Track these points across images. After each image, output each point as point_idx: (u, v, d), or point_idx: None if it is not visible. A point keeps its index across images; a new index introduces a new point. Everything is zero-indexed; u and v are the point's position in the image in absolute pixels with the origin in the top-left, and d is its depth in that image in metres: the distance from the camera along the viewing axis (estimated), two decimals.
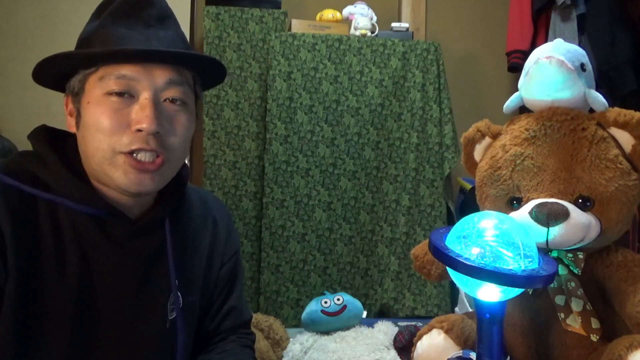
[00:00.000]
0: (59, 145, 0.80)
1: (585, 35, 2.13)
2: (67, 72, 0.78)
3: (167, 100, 0.77)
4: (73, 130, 0.79)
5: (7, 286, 0.71)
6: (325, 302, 1.36)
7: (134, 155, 0.74)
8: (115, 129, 0.73)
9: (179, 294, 0.85)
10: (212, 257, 0.93)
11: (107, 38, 0.75)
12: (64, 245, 0.75)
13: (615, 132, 0.88)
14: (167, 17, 0.80)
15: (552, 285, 0.85)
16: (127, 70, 0.74)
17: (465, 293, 1.97)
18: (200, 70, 0.83)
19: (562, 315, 0.84)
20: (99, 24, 0.76)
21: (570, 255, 0.87)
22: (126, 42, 0.74)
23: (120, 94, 0.74)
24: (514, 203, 0.92)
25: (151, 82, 0.75)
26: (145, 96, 0.75)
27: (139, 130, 0.74)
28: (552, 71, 0.88)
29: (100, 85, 0.74)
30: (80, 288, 0.76)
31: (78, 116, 0.77)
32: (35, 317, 0.73)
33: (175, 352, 0.84)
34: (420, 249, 1.07)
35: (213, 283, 0.94)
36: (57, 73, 0.78)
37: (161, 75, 0.76)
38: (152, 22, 0.77)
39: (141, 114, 0.74)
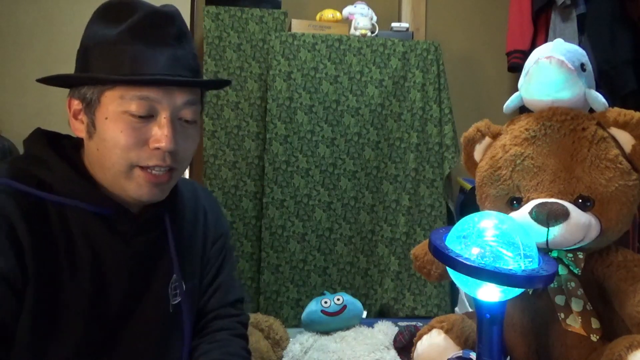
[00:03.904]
0: (58, 148, 0.81)
1: (585, 35, 2.13)
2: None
3: (182, 119, 0.81)
4: (79, 134, 0.81)
5: (27, 291, 0.73)
6: (325, 302, 1.36)
7: (149, 170, 0.78)
8: (134, 146, 0.76)
9: (182, 280, 0.89)
10: (205, 242, 0.98)
11: (126, 55, 0.75)
12: (75, 245, 0.78)
13: (615, 132, 0.88)
14: (183, 35, 0.81)
15: (552, 285, 0.85)
16: (148, 92, 0.76)
17: (465, 293, 1.97)
18: (212, 88, 0.87)
19: (562, 315, 0.84)
20: (117, 37, 0.76)
21: (570, 255, 0.87)
22: (148, 63, 0.76)
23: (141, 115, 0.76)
24: (514, 203, 0.92)
25: (171, 103, 0.78)
26: (164, 116, 0.78)
27: (157, 148, 0.77)
28: (552, 71, 0.88)
29: (120, 103, 0.76)
30: (92, 284, 0.79)
31: (92, 127, 0.78)
32: (52, 315, 0.76)
33: (182, 334, 0.89)
34: (420, 249, 1.07)
35: (205, 264, 0.99)
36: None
37: (180, 97, 0.79)
38: (171, 42, 0.79)
39: (160, 133, 0.77)
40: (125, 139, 0.76)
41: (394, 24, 2.34)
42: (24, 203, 0.74)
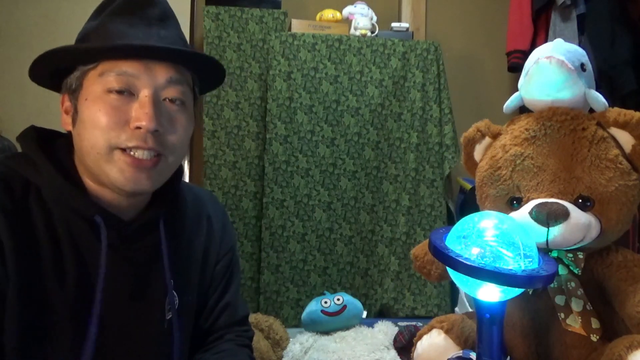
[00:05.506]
0: (49, 147, 0.79)
1: (585, 35, 2.13)
2: (65, 69, 0.77)
3: (167, 100, 0.77)
4: (68, 128, 0.79)
5: (9, 291, 0.71)
6: (325, 302, 1.36)
7: (131, 152, 0.74)
8: (113, 126, 0.72)
9: (175, 294, 0.84)
10: (207, 255, 0.93)
11: (107, 34, 0.74)
12: (60, 249, 0.75)
13: (615, 132, 0.88)
14: (168, 17, 0.80)
15: (552, 285, 0.85)
16: (127, 66, 0.73)
17: (465, 293, 1.97)
18: (200, 71, 0.83)
19: (562, 315, 0.84)
20: (99, 22, 0.76)
21: (570, 255, 0.87)
22: (126, 39, 0.74)
23: (120, 92, 0.73)
24: (514, 203, 0.92)
25: (152, 80, 0.75)
26: (145, 94, 0.74)
27: (138, 128, 0.73)
28: (552, 71, 0.88)
29: (99, 81, 0.73)
30: (79, 291, 0.75)
31: (75, 113, 0.76)
32: (39, 320, 0.73)
33: (171, 352, 0.84)
34: (420, 249, 1.06)
35: (208, 280, 0.94)
36: (54, 70, 0.78)
37: (162, 73, 0.75)
38: (154, 21, 0.77)
39: (141, 112, 0.73)
40: (104, 119, 0.72)
41: (394, 24, 2.34)
42: (6, 204, 0.72)
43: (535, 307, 0.90)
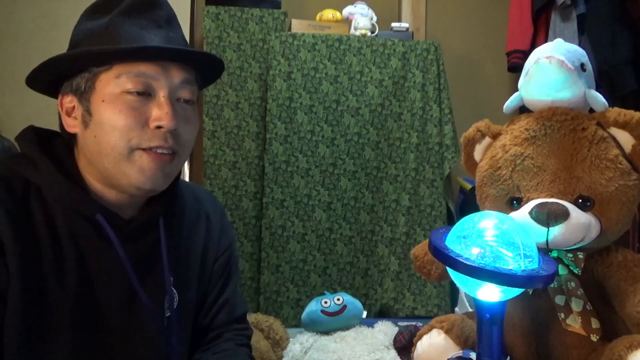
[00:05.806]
0: (48, 147, 0.79)
1: (585, 35, 2.14)
2: (69, 73, 0.77)
3: (181, 100, 0.79)
4: (74, 130, 0.78)
5: (10, 291, 0.71)
6: (325, 302, 1.36)
7: (152, 150, 0.75)
8: (133, 126, 0.74)
9: (175, 291, 0.85)
10: (206, 253, 0.94)
11: (120, 36, 0.75)
12: (61, 248, 0.75)
13: (615, 132, 0.88)
14: (173, 19, 0.81)
15: (552, 285, 0.85)
16: (145, 68, 0.75)
17: (465, 293, 1.97)
18: (202, 69, 0.85)
19: (562, 315, 0.84)
20: (108, 22, 0.76)
21: (570, 255, 0.87)
22: (142, 41, 0.75)
23: (138, 93, 0.75)
24: (514, 203, 0.92)
25: (168, 81, 0.77)
26: (163, 94, 0.76)
27: (158, 127, 0.75)
28: (552, 71, 0.88)
29: (116, 83, 0.74)
30: (80, 290, 0.76)
31: (88, 115, 0.76)
32: (39, 321, 0.73)
33: (171, 349, 0.84)
34: (420, 249, 1.06)
35: (207, 278, 0.95)
36: (57, 74, 0.78)
37: (177, 75, 0.78)
38: (162, 23, 0.79)
39: (161, 112, 0.75)
40: (124, 120, 0.73)
41: (394, 24, 2.34)
42: (8, 204, 0.72)
43: (535, 307, 0.90)
